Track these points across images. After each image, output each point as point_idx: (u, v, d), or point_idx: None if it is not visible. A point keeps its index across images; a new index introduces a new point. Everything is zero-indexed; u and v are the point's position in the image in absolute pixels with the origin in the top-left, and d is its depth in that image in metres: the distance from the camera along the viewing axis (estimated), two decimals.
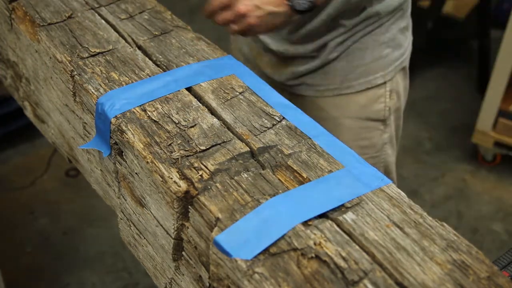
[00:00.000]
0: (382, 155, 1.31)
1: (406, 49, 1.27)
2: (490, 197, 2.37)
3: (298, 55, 1.21)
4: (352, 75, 1.19)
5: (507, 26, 2.20)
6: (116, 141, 0.79)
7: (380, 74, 1.21)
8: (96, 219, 2.23)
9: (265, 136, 0.75)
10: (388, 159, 1.33)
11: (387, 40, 1.20)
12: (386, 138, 1.30)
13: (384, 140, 1.29)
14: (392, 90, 1.24)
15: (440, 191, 2.39)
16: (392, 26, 1.20)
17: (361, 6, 1.15)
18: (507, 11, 2.32)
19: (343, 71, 1.19)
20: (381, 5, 1.16)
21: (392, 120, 1.29)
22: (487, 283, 0.57)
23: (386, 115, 1.26)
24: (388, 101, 1.24)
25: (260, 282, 0.57)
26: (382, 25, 1.19)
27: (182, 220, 0.70)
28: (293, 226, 0.62)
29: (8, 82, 1.19)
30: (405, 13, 1.23)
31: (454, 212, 2.31)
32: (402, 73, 1.27)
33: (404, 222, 0.63)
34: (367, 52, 1.19)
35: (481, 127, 2.41)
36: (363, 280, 0.57)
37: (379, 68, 1.21)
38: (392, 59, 1.23)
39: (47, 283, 2.01)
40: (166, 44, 0.93)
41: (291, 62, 1.24)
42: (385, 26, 1.19)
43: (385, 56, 1.21)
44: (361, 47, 1.19)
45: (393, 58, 1.23)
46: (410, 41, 1.30)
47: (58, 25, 0.96)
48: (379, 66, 1.21)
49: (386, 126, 1.28)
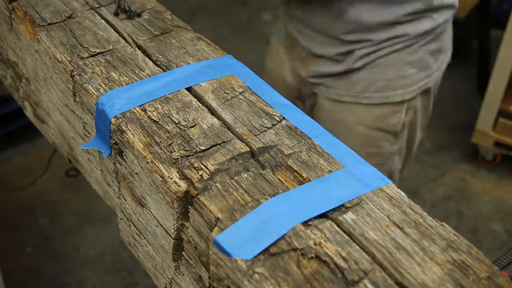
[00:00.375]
0: (388, 164, 1.31)
1: (434, 71, 1.26)
2: (490, 197, 2.37)
3: (323, 55, 1.21)
4: (372, 88, 1.19)
5: (507, 26, 2.20)
6: (116, 141, 0.79)
7: (400, 92, 1.21)
8: (96, 219, 2.23)
9: (265, 136, 0.75)
10: (393, 167, 1.33)
11: (413, 61, 1.19)
12: (395, 149, 1.29)
13: (393, 150, 1.29)
14: (409, 108, 1.24)
15: (440, 191, 2.40)
16: (421, 47, 1.19)
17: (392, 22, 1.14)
18: (507, 11, 2.32)
19: (364, 81, 1.18)
20: (412, 26, 1.15)
21: (405, 133, 1.29)
22: (487, 283, 0.57)
23: (399, 129, 1.26)
24: (403, 117, 1.24)
25: (260, 282, 0.57)
26: (411, 45, 1.18)
27: (182, 220, 0.70)
28: (293, 226, 0.62)
29: (8, 82, 1.19)
30: (438, 36, 1.22)
31: (454, 212, 2.31)
32: (425, 94, 1.27)
33: (404, 222, 0.63)
34: (391, 68, 1.18)
35: (481, 127, 2.41)
36: (363, 280, 0.57)
37: (399, 86, 1.20)
38: (415, 79, 1.21)
39: (47, 283, 2.01)
40: (166, 44, 0.93)
41: (316, 61, 1.24)
42: (414, 47, 1.18)
43: (409, 76, 1.20)
44: (386, 63, 1.18)
45: (416, 78, 1.21)
46: (443, 64, 1.28)
47: (58, 25, 0.96)
48: (400, 84, 1.20)
49: (397, 138, 1.28)
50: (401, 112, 1.23)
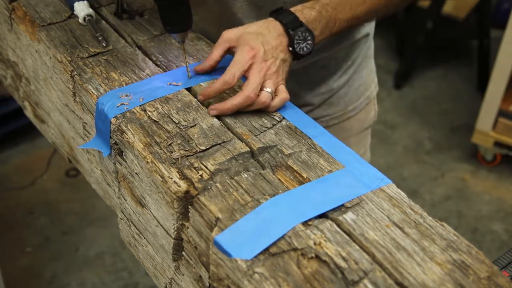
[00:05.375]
0: (367, 152, 1.30)
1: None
2: (490, 197, 2.37)
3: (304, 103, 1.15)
4: (355, 97, 1.17)
5: (507, 26, 2.20)
6: (116, 141, 0.79)
7: (373, 86, 1.21)
8: (96, 219, 2.23)
9: (265, 136, 0.75)
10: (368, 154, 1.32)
11: (371, 52, 1.19)
12: (370, 136, 1.29)
13: (369, 139, 1.29)
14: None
15: (440, 191, 2.39)
16: (372, 37, 1.18)
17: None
18: (507, 11, 2.32)
19: (346, 96, 1.16)
20: (370, 27, 1.13)
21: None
22: (487, 283, 0.57)
23: (375, 118, 1.25)
24: (376, 106, 1.24)
25: (260, 282, 0.57)
26: (371, 42, 1.17)
27: (182, 220, 0.70)
28: (293, 226, 0.62)
29: (8, 82, 1.19)
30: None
31: (454, 212, 2.31)
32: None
33: (404, 222, 0.63)
34: (363, 71, 1.17)
35: (481, 127, 2.41)
36: (363, 280, 0.57)
37: (371, 80, 1.20)
38: (374, 66, 1.22)
39: (47, 283, 2.01)
40: (166, 44, 0.93)
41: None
42: (370, 41, 1.17)
43: (373, 68, 1.21)
44: (358, 70, 1.17)
45: (374, 64, 1.22)
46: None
47: (58, 25, 0.96)
48: (372, 79, 1.20)
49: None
50: (374, 102, 1.22)
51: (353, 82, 1.14)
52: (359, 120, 1.20)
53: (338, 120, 1.16)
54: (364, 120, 1.21)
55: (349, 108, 1.16)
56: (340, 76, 1.11)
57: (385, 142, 2.62)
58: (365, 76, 1.17)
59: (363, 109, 1.19)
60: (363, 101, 1.18)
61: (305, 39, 0.83)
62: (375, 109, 1.24)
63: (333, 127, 1.16)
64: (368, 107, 1.21)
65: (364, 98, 1.18)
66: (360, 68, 1.15)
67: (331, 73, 1.09)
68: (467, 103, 2.83)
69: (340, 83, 1.12)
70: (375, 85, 1.22)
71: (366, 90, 1.18)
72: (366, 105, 1.20)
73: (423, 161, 2.54)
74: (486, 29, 2.82)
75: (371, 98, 1.21)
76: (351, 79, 1.13)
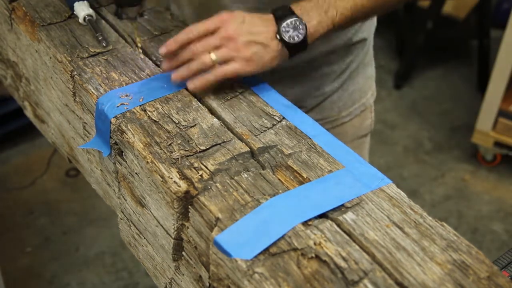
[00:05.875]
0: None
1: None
2: (490, 197, 2.37)
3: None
4: (349, 102, 1.16)
5: (507, 26, 2.20)
6: (116, 141, 0.79)
7: (370, 94, 1.19)
8: (96, 219, 2.23)
9: (265, 136, 0.75)
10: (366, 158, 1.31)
11: (370, 59, 1.18)
12: (368, 145, 1.28)
13: (368, 148, 1.28)
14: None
15: (440, 191, 2.39)
16: (371, 44, 1.18)
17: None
18: (507, 11, 2.32)
19: (340, 101, 1.16)
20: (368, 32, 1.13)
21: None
22: (487, 283, 0.57)
23: (372, 126, 1.24)
24: (373, 115, 1.23)
25: (260, 282, 0.57)
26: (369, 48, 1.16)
27: (182, 220, 0.70)
28: (293, 226, 0.62)
29: (8, 82, 1.19)
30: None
31: (454, 212, 2.31)
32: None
33: (404, 222, 0.63)
34: (358, 76, 1.16)
35: (481, 127, 2.41)
36: (363, 280, 0.57)
37: (368, 87, 1.19)
38: (374, 74, 1.21)
39: (47, 283, 2.01)
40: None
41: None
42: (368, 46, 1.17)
43: (371, 75, 1.19)
44: (353, 76, 1.16)
45: (374, 73, 1.21)
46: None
47: (58, 25, 0.96)
48: (369, 86, 1.19)
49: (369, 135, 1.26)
50: (371, 110, 1.21)
51: (347, 87, 1.13)
52: (354, 126, 1.19)
53: (331, 125, 1.14)
54: (359, 127, 1.20)
55: (343, 113, 1.15)
56: (334, 80, 1.10)
57: (385, 142, 2.62)
58: (362, 82, 1.16)
59: (357, 115, 1.18)
60: (358, 108, 1.17)
61: (296, 27, 0.81)
62: (372, 117, 1.22)
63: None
64: (364, 114, 1.19)
65: (359, 104, 1.17)
66: (355, 73, 1.13)
67: (323, 76, 1.08)
68: (467, 103, 2.82)
69: (333, 87, 1.11)
70: (373, 93, 1.20)
71: (361, 97, 1.17)
72: (361, 112, 1.18)
73: (423, 161, 2.54)
74: (486, 29, 2.82)
75: (367, 105, 1.19)
76: (345, 83, 1.12)
